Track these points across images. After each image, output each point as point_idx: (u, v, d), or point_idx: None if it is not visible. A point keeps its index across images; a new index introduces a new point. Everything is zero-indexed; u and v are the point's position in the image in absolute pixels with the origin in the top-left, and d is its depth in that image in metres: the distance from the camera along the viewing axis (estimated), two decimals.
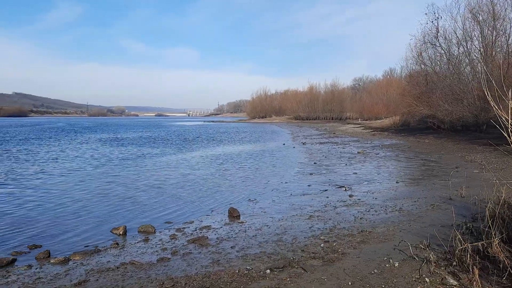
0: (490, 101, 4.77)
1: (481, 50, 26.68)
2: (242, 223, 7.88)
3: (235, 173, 15.11)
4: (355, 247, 5.94)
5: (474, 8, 26.77)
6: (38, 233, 7.37)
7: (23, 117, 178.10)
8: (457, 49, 29.27)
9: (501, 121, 4.85)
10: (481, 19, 26.44)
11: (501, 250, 4.54)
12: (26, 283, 5.04)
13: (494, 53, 25.93)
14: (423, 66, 33.42)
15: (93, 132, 49.03)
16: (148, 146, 28.60)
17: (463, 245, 4.75)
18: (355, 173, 14.26)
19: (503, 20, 25.50)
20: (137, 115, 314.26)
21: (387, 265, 5.07)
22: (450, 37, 29.45)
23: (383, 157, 19.25)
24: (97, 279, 5.08)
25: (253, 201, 10.08)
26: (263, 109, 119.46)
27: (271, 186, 12.20)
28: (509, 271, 4.30)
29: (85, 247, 6.56)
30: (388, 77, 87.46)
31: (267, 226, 7.54)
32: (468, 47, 27.81)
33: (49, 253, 6.12)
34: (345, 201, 9.55)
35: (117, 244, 6.66)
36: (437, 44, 30.66)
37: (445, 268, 4.78)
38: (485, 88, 4.93)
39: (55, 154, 22.28)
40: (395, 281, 4.59)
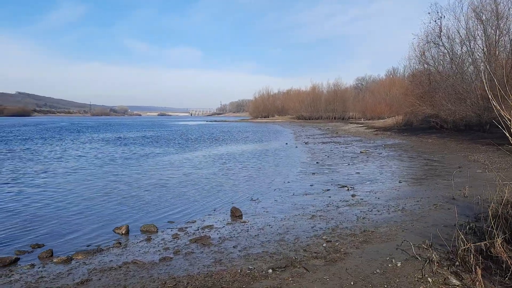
0: (491, 100, 4.75)
1: (484, 49, 26.58)
2: (245, 222, 7.89)
3: (237, 172, 15.12)
4: (357, 247, 5.93)
5: (478, 7, 26.69)
6: (41, 232, 7.40)
7: (26, 116, 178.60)
8: (460, 48, 29.19)
9: (502, 121, 4.83)
10: (484, 18, 26.34)
11: (504, 250, 4.53)
12: (29, 282, 5.06)
13: (497, 52, 25.82)
14: (426, 65, 33.33)
15: (96, 132, 49.17)
16: (151, 145, 28.64)
17: (466, 245, 4.74)
18: (358, 172, 14.25)
19: (507, 19, 25.41)
20: (140, 115, 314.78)
21: (389, 265, 5.06)
22: (453, 36, 29.37)
23: (385, 156, 19.21)
24: (99, 278, 5.10)
25: (255, 200, 10.08)
26: (266, 108, 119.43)
27: (273, 185, 12.20)
28: None
29: (87, 246, 6.58)
30: (391, 76, 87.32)
31: (269, 225, 7.55)
32: (471, 47, 27.71)
33: (52, 252, 6.14)
34: (347, 201, 9.54)
35: (120, 243, 6.67)
36: (440, 44, 30.57)
37: (448, 268, 4.77)
38: (486, 87, 4.91)
39: (59, 153, 22.36)
40: (397, 281, 4.58)
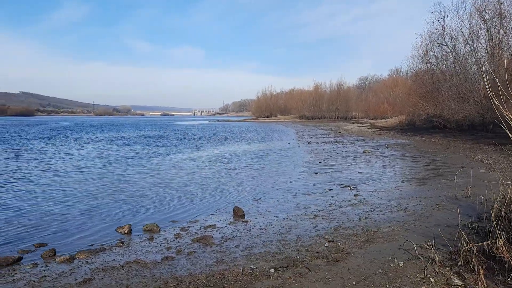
0: (492, 99, 4.73)
1: (488, 49, 26.49)
2: (247, 222, 7.89)
3: (240, 172, 15.13)
4: (359, 246, 5.93)
5: (481, 7, 26.61)
6: (44, 231, 7.43)
7: (30, 116, 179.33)
8: (463, 48, 29.13)
9: (505, 120, 4.81)
10: (487, 17, 26.27)
11: (507, 250, 4.51)
12: (32, 281, 5.08)
13: (501, 52, 25.73)
14: (429, 65, 33.25)
15: (99, 131, 49.30)
16: (154, 145, 28.69)
17: (469, 245, 4.73)
18: (360, 172, 14.22)
19: (510, 18, 25.33)
20: (143, 114, 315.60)
21: (391, 265, 5.05)
22: (457, 35, 29.32)
23: (388, 156, 19.17)
24: (102, 278, 5.12)
25: (258, 200, 10.09)
26: (268, 108, 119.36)
27: (276, 185, 12.20)
28: None
29: (90, 245, 6.60)
30: (394, 76, 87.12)
31: (271, 225, 7.55)
32: (475, 46, 27.64)
33: (55, 252, 6.17)
34: (350, 201, 9.52)
35: (122, 243, 6.69)
36: (443, 43, 30.52)
37: (450, 268, 4.76)
38: (488, 87, 4.90)
39: (62, 153, 22.43)
40: (399, 281, 4.57)
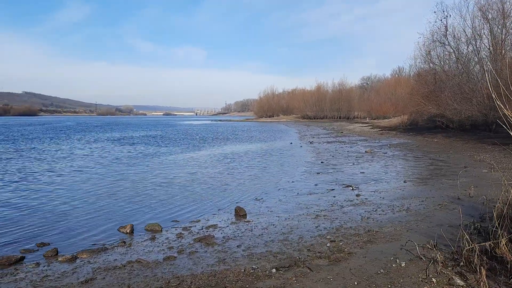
0: (495, 99, 4.72)
1: (491, 48, 26.40)
2: (249, 222, 7.89)
3: (242, 172, 15.14)
4: (361, 246, 5.92)
5: (484, 6, 26.52)
6: (46, 231, 7.45)
7: (33, 116, 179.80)
8: (466, 47, 29.01)
9: (507, 120, 4.80)
10: (490, 17, 26.17)
11: (509, 251, 4.50)
12: (34, 280, 5.09)
13: (503, 51, 25.63)
14: (431, 64, 33.17)
15: (102, 131, 49.40)
16: (156, 145, 28.74)
17: (471, 245, 4.71)
18: (363, 172, 14.20)
19: None
20: (145, 114, 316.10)
21: (393, 265, 5.04)
22: (459, 35, 29.20)
23: (391, 156, 19.14)
24: (103, 277, 5.13)
25: (259, 200, 10.08)
26: (271, 108, 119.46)
27: (278, 185, 12.20)
28: None
29: (92, 245, 6.61)
30: (397, 76, 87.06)
31: (273, 225, 7.55)
32: (477, 46, 27.54)
33: (57, 251, 6.18)
34: (352, 201, 9.51)
35: (124, 242, 6.70)
36: (446, 43, 30.41)
37: (452, 269, 4.74)
38: (490, 87, 4.88)
39: (65, 153, 22.50)
40: (401, 281, 4.56)
